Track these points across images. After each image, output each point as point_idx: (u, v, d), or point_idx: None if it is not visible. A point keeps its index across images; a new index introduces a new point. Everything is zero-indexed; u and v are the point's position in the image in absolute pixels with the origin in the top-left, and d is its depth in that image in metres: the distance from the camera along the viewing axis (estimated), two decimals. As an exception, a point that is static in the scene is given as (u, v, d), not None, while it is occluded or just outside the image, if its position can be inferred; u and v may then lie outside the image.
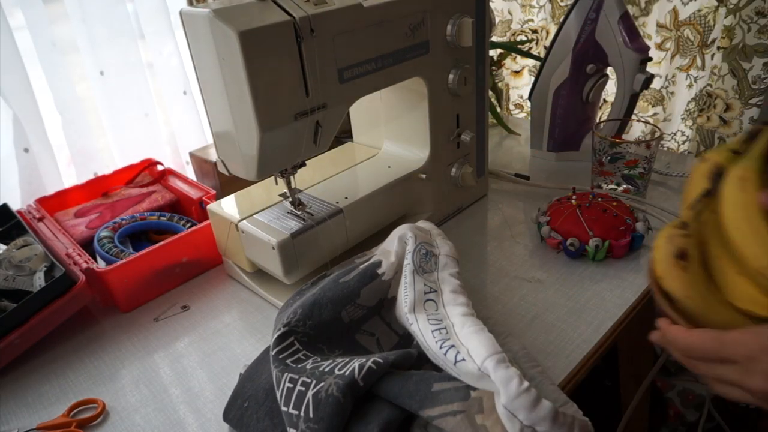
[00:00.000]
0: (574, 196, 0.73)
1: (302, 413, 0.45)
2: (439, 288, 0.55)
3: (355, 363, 0.47)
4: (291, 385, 0.48)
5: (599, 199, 0.72)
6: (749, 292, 0.44)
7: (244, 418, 0.51)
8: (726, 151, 0.49)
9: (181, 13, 0.53)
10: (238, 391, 0.54)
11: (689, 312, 0.46)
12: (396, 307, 0.55)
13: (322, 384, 0.46)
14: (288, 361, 0.50)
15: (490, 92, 1.08)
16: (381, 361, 0.47)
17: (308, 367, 0.49)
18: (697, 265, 0.46)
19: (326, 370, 0.47)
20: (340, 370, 0.47)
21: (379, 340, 0.55)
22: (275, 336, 0.52)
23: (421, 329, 0.51)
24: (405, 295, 0.54)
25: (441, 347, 0.48)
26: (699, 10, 1.08)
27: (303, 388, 0.47)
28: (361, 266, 0.57)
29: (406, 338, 0.55)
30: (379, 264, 0.56)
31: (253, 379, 0.54)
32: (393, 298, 0.56)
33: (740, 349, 0.37)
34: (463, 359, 0.46)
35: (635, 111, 0.88)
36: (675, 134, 1.21)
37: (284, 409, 0.47)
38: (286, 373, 0.49)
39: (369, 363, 0.46)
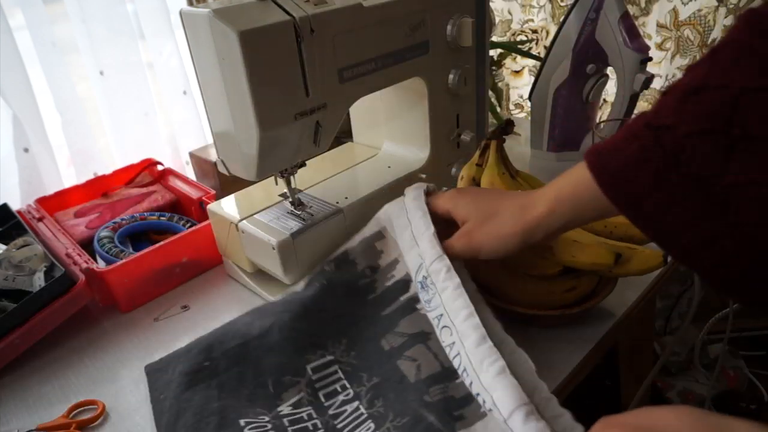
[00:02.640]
0: None
1: None
2: (445, 311, 0.51)
3: None
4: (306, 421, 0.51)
5: None
6: (533, 261, 0.58)
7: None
8: (473, 166, 0.64)
9: (181, 13, 0.53)
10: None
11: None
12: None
13: None
14: (321, 394, 0.54)
15: (490, 92, 1.08)
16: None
17: (330, 412, 0.52)
18: None
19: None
20: None
21: (420, 367, 0.52)
22: (318, 362, 0.56)
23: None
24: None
25: (473, 394, 0.47)
26: (699, 10, 1.08)
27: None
28: (402, 299, 0.57)
29: (450, 371, 0.51)
30: (416, 297, 0.56)
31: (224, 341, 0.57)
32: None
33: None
34: (490, 409, 0.44)
35: (635, 111, 0.88)
36: (675, 134, 1.21)
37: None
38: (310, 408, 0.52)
39: None
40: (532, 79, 1.15)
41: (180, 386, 0.53)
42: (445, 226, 0.54)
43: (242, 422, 0.50)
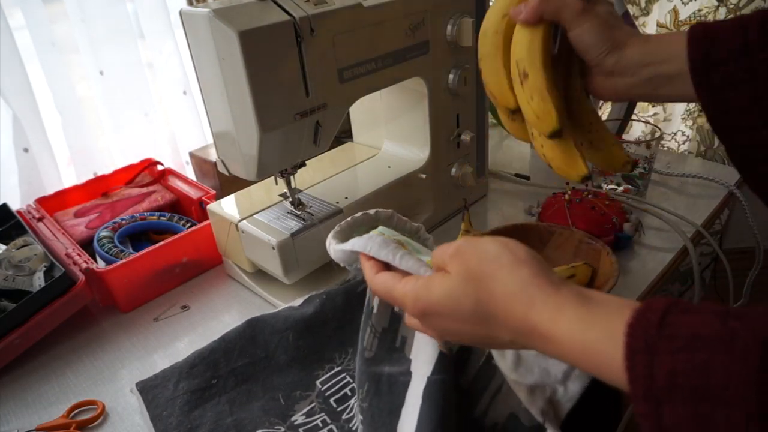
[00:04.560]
0: (568, 192, 0.73)
1: None
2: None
3: None
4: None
5: (590, 196, 0.72)
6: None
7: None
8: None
9: (181, 13, 0.53)
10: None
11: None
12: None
13: None
14: (332, 400, 0.54)
15: (490, 92, 1.08)
16: None
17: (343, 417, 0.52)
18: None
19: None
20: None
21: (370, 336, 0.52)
22: (326, 375, 0.57)
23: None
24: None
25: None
26: (699, 10, 1.08)
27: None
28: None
29: (397, 316, 0.51)
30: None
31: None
32: None
33: (405, 307, 0.39)
34: None
35: (635, 111, 0.88)
36: (675, 134, 1.21)
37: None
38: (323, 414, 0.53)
39: None
40: (532, 79, 1.15)
41: (189, 404, 0.53)
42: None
43: None
